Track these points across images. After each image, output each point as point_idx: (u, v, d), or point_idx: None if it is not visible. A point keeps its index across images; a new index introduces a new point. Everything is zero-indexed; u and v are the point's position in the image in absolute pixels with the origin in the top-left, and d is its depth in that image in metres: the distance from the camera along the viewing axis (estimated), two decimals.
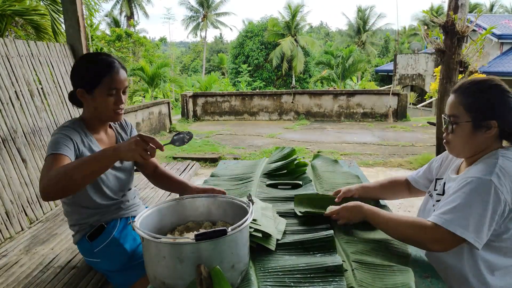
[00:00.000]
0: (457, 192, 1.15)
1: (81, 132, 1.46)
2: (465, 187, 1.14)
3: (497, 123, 1.19)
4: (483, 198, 1.10)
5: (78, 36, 3.56)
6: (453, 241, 1.12)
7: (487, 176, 1.12)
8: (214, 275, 0.93)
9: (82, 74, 1.44)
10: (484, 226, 1.09)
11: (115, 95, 1.45)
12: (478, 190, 1.11)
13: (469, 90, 1.23)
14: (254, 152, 6.58)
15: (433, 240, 1.13)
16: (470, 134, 1.22)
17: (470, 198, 1.11)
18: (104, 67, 1.42)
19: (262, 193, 1.78)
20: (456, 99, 1.25)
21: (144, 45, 17.44)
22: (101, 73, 1.41)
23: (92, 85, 1.42)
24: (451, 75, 4.40)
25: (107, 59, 1.45)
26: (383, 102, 10.39)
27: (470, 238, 1.09)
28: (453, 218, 1.11)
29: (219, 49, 41.96)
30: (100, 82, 1.41)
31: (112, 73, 1.43)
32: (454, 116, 1.24)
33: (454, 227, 1.10)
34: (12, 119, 2.71)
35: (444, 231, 1.11)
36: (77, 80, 1.45)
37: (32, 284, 1.77)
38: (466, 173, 1.20)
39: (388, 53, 33.95)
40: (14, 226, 2.44)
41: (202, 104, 11.16)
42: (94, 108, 1.46)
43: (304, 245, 1.23)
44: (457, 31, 4.24)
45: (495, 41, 14.91)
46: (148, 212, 1.17)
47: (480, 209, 1.10)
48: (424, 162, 5.54)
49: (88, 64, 1.46)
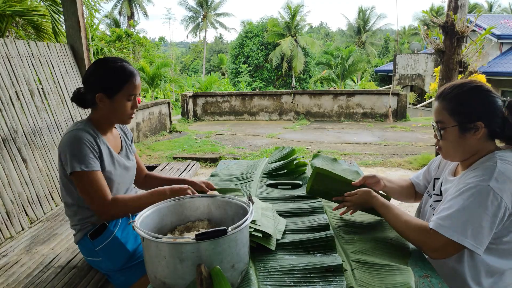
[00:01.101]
0: (457, 198, 1.15)
1: (93, 134, 1.50)
2: (464, 193, 1.14)
3: (484, 124, 1.19)
4: (482, 204, 1.10)
5: (78, 36, 3.57)
6: (453, 248, 1.12)
7: (485, 182, 1.12)
8: (214, 275, 0.94)
9: (105, 80, 1.49)
10: (484, 231, 1.09)
11: (132, 100, 1.53)
12: (477, 196, 1.11)
13: (450, 95, 1.23)
14: (254, 152, 6.58)
15: (433, 248, 1.15)
16: (459, 138, 1.22)
17: (469, 204, 1.12)
18: (127, 75, 1.49)
19: (262, 193, 1.78)
20: (439, 105, 1.25)
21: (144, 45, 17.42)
22: (124, 81, 1.48)
23: (114, 91, 1.48)
24: (450, 75, 4.41)
25: (128, 66, 1.51)
26: (383, 102, 10.40)
27: (469, 245, 1.09)
28: (451, 225, 1.11)
29: (219, 49, 41.96)
30: (122, 89, 1.48)
31: (133, 80, 1.50)
32: (441, 122, 1.24)
33: (453, 235, 1.10)
34: (13, 119, 2.71)
35: (444, 238, 1.11)
36: (98, 85, 1.49)
37: (33, 284, 1.77)
38: (465, 178, 1.20)
39: (388, 53, 33.95)
40: (15, 226, 2.44)
41: (202, 104, 11.16)
42: (111, 112, 1.52)
43: (304, 245, 1.23)
44: (456, 31, 4.25)
45: (495, 41, 14.90)
46: (148, 212, 1.17)
47: (479, 215, 1.10)
48: (424, 162, 5.54)
49: (111, 71, 1.49)
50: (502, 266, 1.17)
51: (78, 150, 1.41)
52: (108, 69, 1.49)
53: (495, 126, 1.19)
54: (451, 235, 1.10)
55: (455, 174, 1.34)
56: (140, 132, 7.80)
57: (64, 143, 1.45)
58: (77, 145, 1.42)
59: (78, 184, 1.43)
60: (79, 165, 1.40)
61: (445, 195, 1.29)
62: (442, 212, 1.16)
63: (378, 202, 1.34)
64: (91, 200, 1.42)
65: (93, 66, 1.53)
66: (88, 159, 1.42)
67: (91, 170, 1.41)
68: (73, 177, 1.42)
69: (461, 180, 1.21)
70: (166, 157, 6.29)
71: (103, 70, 1.50)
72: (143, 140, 7.86)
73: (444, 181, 1.36)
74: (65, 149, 1.43)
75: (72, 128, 1.49)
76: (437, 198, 1.36)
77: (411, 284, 1.00)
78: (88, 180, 1.41)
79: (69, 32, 3.59)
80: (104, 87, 1.48)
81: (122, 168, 1.61)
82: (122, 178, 1.62)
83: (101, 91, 1.48)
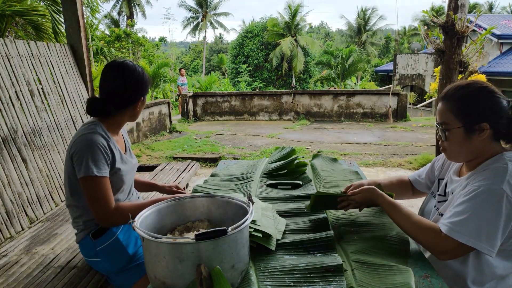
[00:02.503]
0: (469, 201, 1.12)
1: (106, 137, 1.51)
2: (477, 197, 1.12)
3: (489, 125, 1.17)
4: (496, 208, 1.08)
5: (78, 36, 3.57)
6: (464, 251, 1.12)
7: (498, 185, 1.10)
8: (214, 275, 0.94)
9: (142, 86, 1.56)
10: (498, 234, 1.08)
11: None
12: (490, 200, 1.10)
13: (455, 96, 1.22)
14: (254, 152, 6.58)
15: (444, 251, 1.13)
16: (464, 140, 1.21)
17: (482, 208, 1.10)
18: (148, 81, 1.60)
19: (262, 193, 1.78)
20: (444, 106, 1.24)
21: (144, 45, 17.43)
22: (147, 87, 1.60)
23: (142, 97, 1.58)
24: (451, 75, 4.40)
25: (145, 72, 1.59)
26: (383, 102, 10.40)
27: (484, 249, 1.08)
28: (465, 230, 1.09)
29: (219, 49, 41.97)
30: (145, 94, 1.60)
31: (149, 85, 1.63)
32: (445, 123, 1.23)
33: (467, 239, 1.08)
34: (13, 119, 2.71)
35: (456, 243, 1.10)
36: (135, 95, 1.55)
37: (32, 284, 1.77)
38: (474, 180, 1.17)
39: (388, 53, 33.94)
40: (15, 226, 2.44)
41: (202, 104, 11.16)
42: (132, 116, 1.60)
43: (304, 245, 1.23)
44: (457, 31, 4.24)
45: (495, 41, 14.90)
46: (148, 212, 1.17)
47: (493, 219, 1.08)
48: (424, 162, 5.54)
49: (143, 76, 1.56)
50: (506, 268, 1.17)
51: (93, 155, 1.42)
52: (142, 75, 1.55)
53: (500, 127, 1.18)
54: (466, 241, 1.08)
55: (460, 174, 1.33)
56: (140, 132, 7.80)
57: (78, 147, 1.44)
58: (92, 150, 1.42)
59: (85, 188, 1.43)
60: (92, 170, 1.40)
61: (451, 196, 1.28)
62: (454, 216, 1.13)
63: (385, 200, 1.32)
64: (96, 205, 1.43)
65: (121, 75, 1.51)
66: (100, 165, 1.42)
67: (101, 175, 1.42)
68: (82, 180, 1.42)
69: (470, 182, 1.19)
70: (166, 157, 6.29)
71: (135, 79, 1.53)
72: (143, 140, 7.86)
73: (449, 181, 1.34)
74: (79, 153, 1.42)
75: (85, 131, 1.47)
76: (441, 199, 1.35)
77: (411, 284, 1.00)
78: (97, 185, 1.41)
79: (69, 32, 3.58)
80: (142, 92, 1.56)
81: (130, 168, 1.62)
82: (130, 178, 1.64)
83: (138, 100, 1.56)
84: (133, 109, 1.57)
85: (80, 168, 1.41)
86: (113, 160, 1.50)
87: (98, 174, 1.41)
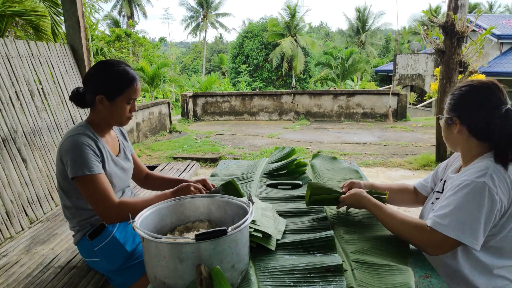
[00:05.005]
0: (453, 195, 1.17)
1: (93, 137, 1.50)
2: (461, 190, 1.16)
3: (459, 120, 1.25)
4: (478, 201, 1.12)
5: (78, 36, 3.57)
6: (451, 245, 1.14)
7: (480, 178, 1.14)
8: (214, 275, 0.94)
9: (107, 83, 1.49)
10: (480, 227, 1.11)
11: (131, 104, 1.54)
12: (473, 193, 1.13)
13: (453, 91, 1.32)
14: (254, 152, 6.58)
15: (431, 245, 1.16)
16: (446, 129, 1.32)
17: (465, 201, 1.13)
18: (129, 79, 1.50)
19: (262, 193, 1.78)
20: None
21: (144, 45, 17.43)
22: (126, 84, 1.50)
23: (116, 94, 1.49)
24: (450, 75, 4.41)
25: (130, 70, 1.52)
26: (383, 102, 10.40)
27: (468, 242, 1.11)
28: (449, 222, 1.13)
29: (219, 49, 41.95)
30: (124, 92, 1.50)
31: (134, 85, 1.52)
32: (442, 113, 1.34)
33: (451, 232, 1.12)
34: (13, 119, 2.71)
35: (441, 236, 1.13)
36: (100, 87, 1.49)
37: (32, 284, 1.77)
38: (460, 176, 1.22)
39: (388, 53, 33.93)
40: (14, 226, 2.44)
41: (202, 104, 11.16)
42: (109, 114, 1.52)
43: (304, 245, 1.23)
44: (457, 31, 4.25)
45: (495, 41, 14.91)
46: (148, 212, 1.17)
47: (475, 212, 1.11)
48: (424, 162, 5.54)
49: (114, 74, 1.49)
50: (497, 264, 1.18)
51: (81, 154, 1.41)
52: (111, 72, 1.50)
53: (474, 126, 1.23)
54: (449, 233, 1.12)
55: (458, 171, 1.36)
56: (140, 132, 7.80)
57: (66, 148, 1.44)
58: (79, 150, 1.42)
59: (82, 188, 1.42)
60: (82, 170, 1.39)
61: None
62: (439, 210, 1.18)
63: (370, 202, 1.37)
64: (96, 203, 1.42)
65: (95, 67, 1.53)
66: (91, 163, 1.42)
67: (95, 173, 1.41)
68: (77, 181, 1.42)
69: (458, 177, 1.23)
70: (166, 157, 6.29)
71: (105, 73, 1.50)
72: (143, 140, 7.86)
73: (447, 179, 1.38)
74: (67, 154, 1.43)
75: (72, 133, 1.48)
76: (438, 196, 1.38)
77: (411, 284, 1.00)
78: (92, 184, 1.41)
79: (69, 32, 3.58)
80: (106, 90, 1.48)
81: (121, 170, 1.61)
82: (121, 180, 1.61)
83: (102, 93, 1.48)
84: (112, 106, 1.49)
85: (72, 169, 1.41)
86: (102, 161, 1.49)
87: (89, 173, 1.40)
